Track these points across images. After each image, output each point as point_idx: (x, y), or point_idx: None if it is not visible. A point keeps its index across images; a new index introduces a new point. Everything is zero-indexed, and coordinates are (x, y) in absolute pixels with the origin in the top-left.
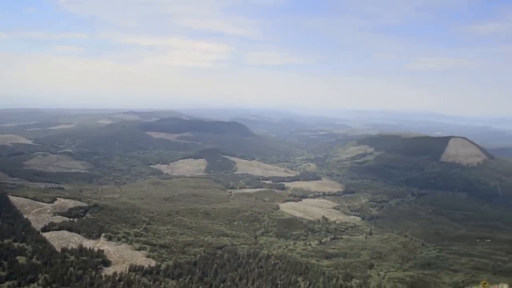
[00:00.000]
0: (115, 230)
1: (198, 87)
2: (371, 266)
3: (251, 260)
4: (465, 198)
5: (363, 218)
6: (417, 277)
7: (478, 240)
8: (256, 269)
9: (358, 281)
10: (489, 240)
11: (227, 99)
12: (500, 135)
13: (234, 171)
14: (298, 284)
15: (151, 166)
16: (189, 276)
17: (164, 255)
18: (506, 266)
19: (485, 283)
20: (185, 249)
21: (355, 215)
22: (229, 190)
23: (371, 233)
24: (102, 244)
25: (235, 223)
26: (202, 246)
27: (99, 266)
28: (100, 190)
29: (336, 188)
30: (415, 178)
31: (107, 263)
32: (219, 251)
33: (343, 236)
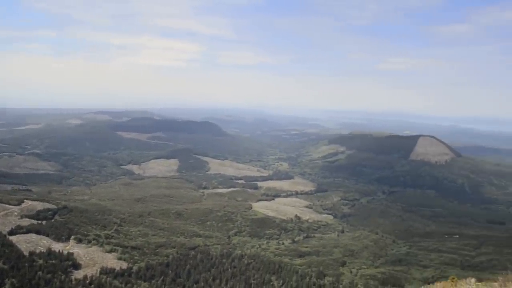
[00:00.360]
0: (85, 232)
1: (170, 87)
2: (343, 264)
3: (224, 260)
4: (434, 195)
5: (335, 217)
6: (388, 274)
7: (446, 236)
8: (229, 269)
9: (330, 278)
10: (457, 236)
11: (200, 99)
12: (467, 133)
13: (207, 171)
14: (271, 283)
15: (122, 166)
16: (162, 277)
17: (136, 257)
18: (474, 261)
19: (453, 278)
20: (157, 250)
21: (327, 213)
22: (201, 190)
23: (343, 231)
24: (71, 247)
25: (208, 223)
26: (174, 247)
27: (68, 270)
28: (69, 191)
29: (309, 187)
30: (386, 176)
31: (77, 266)
32: (192, 252)
33: (316, 235)
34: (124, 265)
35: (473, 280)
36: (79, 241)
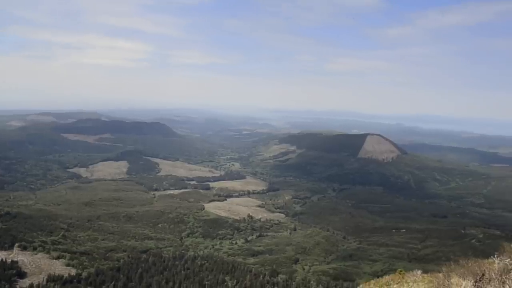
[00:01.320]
0: (30, 239)
1: (118, 87)
2: (296, 261)
3: (177, 262)
4: (381, 191)
5: (287, 215)
6: (339, 269)
7: (394, 230)
8: (182, 271)
9: (284, 276)
10: (404, 230)
11: (149, 99)
12: (411, 132)
13: (158, 172)
14: (225, 284)
15: (68, 170)
16: (113, 282)
17: (85, 263)
18: (420, 253)
19: (401, 271)
20: (107, 255)
21: (279, 212)
22: (152, 192)
23: (295, 229)
24: (16, 255)
25: (159, 225)
26: (125, 251)
27: (13, 279)
28: (12, 197)
29: (260, 186)
30: (336, 174)
31: (22, 275)
32: (144, 255)
33: (268, 233)
34: (73, 272)
35: (419, 272)
36: (24, 248)
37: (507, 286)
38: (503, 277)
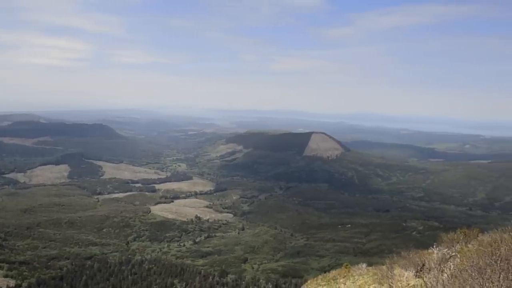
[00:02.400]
0: None
1: (57, 88)
2: (245, 260)
3: (123, 268)
4: (326, 188)
5: (235, 215)
6: (288, 266)
7: (339, 226)
8: (129, 276)
9: (233, 276)
10: (349, 226)
11: (91, 100)
12: (354, 129)
13: (101, 175)
14: (174, 287)
15: (4, 175)
16: None
17: (25, 273)
18: (364, 247)
19: (347, 265)
20: (49, 263)
21: (227, 212)
22: (96, 196)
23: (243, 229)
24: None
25: (104, 230)
26: (68, 259)
27: None
28: None
29: (208, 186)
30: (282, 172)
31: None
32: (88, 262)
33: (217, 234)
34: (12, 283)
35: (364, 265)
36: None
37: (445, 275)
38: (442, 266)
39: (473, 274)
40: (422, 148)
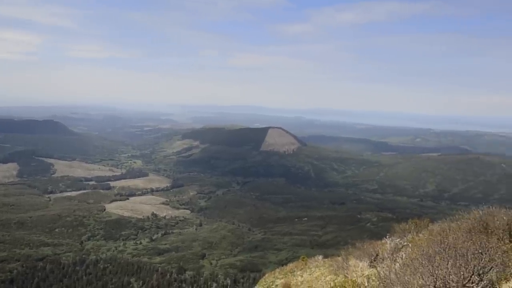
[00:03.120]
0: None
1: (6, 83)
2: (203, 256)
3: (77, 268)
4: (283, 183)
5: (192, 211)
6: (246, 261)
7: (296, 219)
8: (84, 277)
9: (191, 272)
10: (305, 219)
11: (42, 96)
12: (311, 124)
13: (53, 174)
14: (131, 285)
15: None
16: None
17: None
18: (321, 239)
19: (303, 258)
20: None
21: (184, 208)
22: (47, 195)
23: (201, 225)
24: None
25: (56, 230)
26: (19, 260)
27: None
28: None
29: (164, 183)
30: (239, 167)
31: None
32: (40, 263)
33: (174, 231)
34: None
35: (320, 257)
36: None
37: (398, 264)
38: (394, 256)
39: (424, 262)
40: (376, 142)
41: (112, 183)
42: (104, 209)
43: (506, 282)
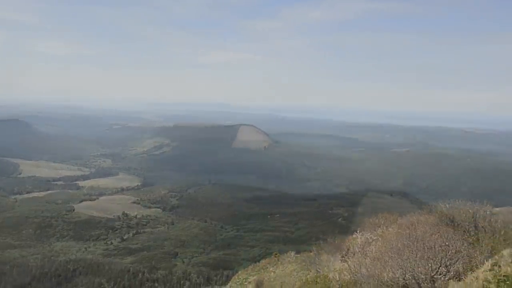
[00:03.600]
0: None
1: None
2: (175, 255)
3: (46, 270)
4: (255, 179)
5: (164, 209)
6: (219, 258)
7: (269, 216)
8: (53, 279)
9: (163, 271)
10: (278, 215)
11: (3, 94)
12: (282, 121)
13: (18, 174)
14: (102, 286)
15: None
16: None
17: None
18: (293, 236)
19: (276, 254)
20: None
21: (155, 207)
22: (13, 197)
23: (173, 223)
24: None
25: (23, 232)
26: None
27: None
28: None
29: (135, 182)
30: (211, 165)
31: None
32: (7, 267)
33: (146, 230)
34: None
35: (293, 253)
36: None
37: (368, 258)
38: (365, 250)
39: (393, 255)
40: (346, 138)
41: (81, 183)
42: (73, 210)
43: (472, 273)
